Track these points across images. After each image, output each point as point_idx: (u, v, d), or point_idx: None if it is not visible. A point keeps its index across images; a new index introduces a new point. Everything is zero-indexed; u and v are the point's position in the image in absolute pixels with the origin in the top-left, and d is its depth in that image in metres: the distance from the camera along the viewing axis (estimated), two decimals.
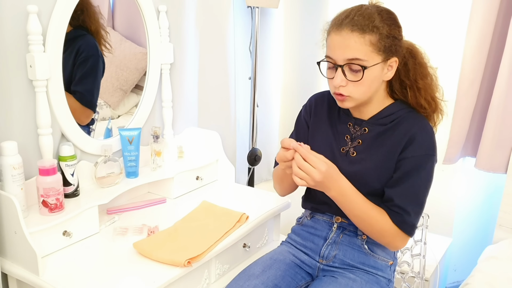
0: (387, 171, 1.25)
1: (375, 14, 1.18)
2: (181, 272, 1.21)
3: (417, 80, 1.28)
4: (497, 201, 2.08)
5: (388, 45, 1.18)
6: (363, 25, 1.16)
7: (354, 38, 1.16)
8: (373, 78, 1.20)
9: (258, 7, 2.09)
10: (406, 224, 1.22)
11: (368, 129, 1.29)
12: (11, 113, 1.27)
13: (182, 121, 1.86)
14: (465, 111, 1.99)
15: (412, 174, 1.22)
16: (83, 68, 1.48)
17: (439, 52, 2.09)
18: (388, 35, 1.18)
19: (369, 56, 1.17)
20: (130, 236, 1.35)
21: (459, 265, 2.30)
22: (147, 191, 1.70)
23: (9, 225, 1.19)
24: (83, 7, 1.43)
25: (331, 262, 1.34)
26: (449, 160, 2.06)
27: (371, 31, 1.16)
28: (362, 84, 1.19)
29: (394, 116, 1.28)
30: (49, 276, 1.17)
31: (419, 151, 1.22)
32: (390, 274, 1.35)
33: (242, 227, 1.44)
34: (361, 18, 1.17)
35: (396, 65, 1.23)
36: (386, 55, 1.19)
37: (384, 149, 1.26)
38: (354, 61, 1.17)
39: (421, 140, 1.22)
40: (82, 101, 1.39)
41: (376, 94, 1.26)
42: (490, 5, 1.85)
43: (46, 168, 1.25)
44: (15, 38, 1.24)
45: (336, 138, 1.33)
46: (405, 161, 1.23)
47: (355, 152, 1.29)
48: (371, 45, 1.16)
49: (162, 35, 1.65)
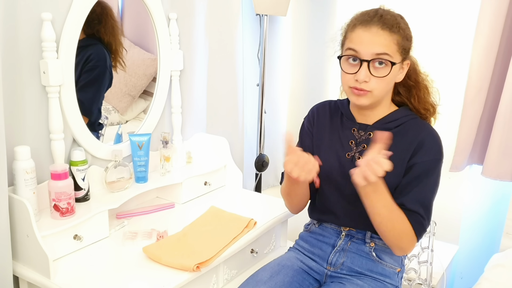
0: (395, 177, 1.24)
1: (398, 17, 1.25)
2: (190, 276, 1.22)
3: (418, 81, 1.34)
4: (504, 209, 2.07)
5: (407, 47, 1.25)
6: (392, 25, 1.21)
7: (385, 36, 1.20)
8: (392, 77, 1.24)
9: (267, 15, 2.11)
10: (421, 226, 1.23)
11: (373, 134, 1.30)
12: (24, 118, 1.29)
13: (191, 127, 1.88)
14: (472, 119, 1.99)
15: (422, 179, 1.24)
16: (87, 77, 1.49)
17: (446, 60, 2.10)
18: (408, 37, 1.25)
19: (394, 54, 1.22)
20: (139, 241, 1.37)
21: (465, 272, 2.29)
22: (155, 196, 1.72)
23: (22, 228, 1.21)
24: (102, 18, 1.46)
25: (339, 269, 1.35)
26: (456, 167, 2.07)
27: (398, 31, 1.21)
28: (384, 80, 1.22)
29: (399, 121, 1.30)
30: (60, 280, 1.18)
31: (428, 156, 1.24)
32: (398, 281, 1.35)
33: (250, 232, 1.45)
34: (390, 17, 1.23)
35: (407, 67, 1.28)
36: (404, 57, 1.25)
37: (392, 156, 1.25)
38: (383, 56, 1.20)
39: (430, 145, 1.25)
40: (80, 108, 1.40)
41: (386, 96, 1.29)
42: (497, 13, 1.86)
43: (58, 173, 1.27)
44: (29, 45, 1.26)
45: (341, 145, 1.34)
46: (415, 166, 1.25)
47: (360, 157, 1.30)
48: (397, 44, 1.22)
49: (172, 42, 1.67)
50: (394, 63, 1.21)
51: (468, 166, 2.13)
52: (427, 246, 1.79)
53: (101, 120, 1.60)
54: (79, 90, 1.40)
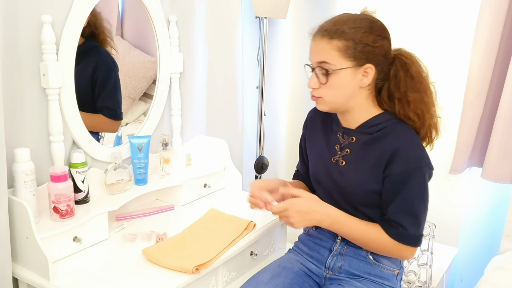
0: (375, 183, 1.25)
1: (349, 21, 1.22)
2: (189, 278, 1.22)
3: (407, 93, 1.26)
4: (504, 211, 2.07)
5: (359, 51, 1.20)
6: (331, 32, 1.22)
7: (323, 44, 1.23)
8: (343, 82, 1.23)
9: (266, 18, 2.12)
10: (404, 237, 1.23)
11: (355, 138, 1.30)
12: (24, 120, 1.29)
13: (191, 129, 1.88)
14: (472, 121, 2.00)
15: (402, 189, 1.22)
16: (105, 85, 1.51)
17: (445, 62, 2.11)
18: (359, 41, 1.20)
19: (336, 61, 1.21)
20: (139, 243, 1.37)
21: (465, 275, 2.29)
22: (155, 198, 1.72)
23: (21, 230, 1.21)
24: (91, 17, 1.46)
25: (337, 272, 1.35)
26: (456, 170, 2.07)
27: (338, 37, 1.21)
28: (330, 87, 1.24)
29: (381, 126, 1.28)
30: (59, 282, 1.18)
31: (404, 166, 1.21)
32: (397, 283, 1.36)
33: (249, 234, 1.45)
34: (331, 25, 1.23)
35: (372, 72, 1.23)
36: (358, 61, 1.21)
37: (371, 160, 1.26)
38: (322, 64, 1.23)
39: (405, 154, 1.21)
40: (114, 117, 1.41)
41: (357, 101, 1.27)
42: (496, 15, 1.86)
43: (58, 175, 1.27)
44: (29, 47, 1.27)
45: (328, 149, 1.36)
46: (390, 177, 1.23)
47: (344, 162, 1.31)
48: (338, 50, 1.21)
49: (172, 44, 1.68)
50: (328, 70, 1.21)
51: (468, 168, 2.14)
52: (426, 249, 1.79)
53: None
54: (105, 100, 1.42)
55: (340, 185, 1.31)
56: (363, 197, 1.28)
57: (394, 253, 1.27)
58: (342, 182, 1.31)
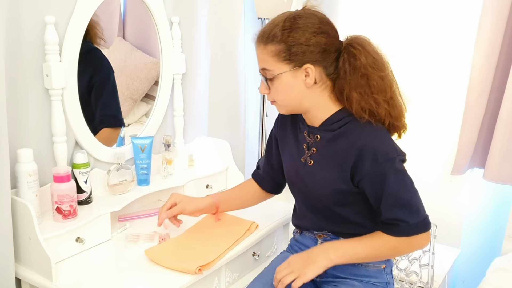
0: (342, 182, 1.22)
1: (281, 23, 1.17)
2: (191, 279, 1.22)
3: (355, 88, 1.19)
4: (506, 212, 2.07)
5: (293, 53, 1.16)
6: (264, 37, 1.19)
7: (259, 50, 1.21)
8: (287, 86, 1.20)
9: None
10: (409, 230, 1.18)
11: (320, 136, 1.27)
12: (27, 121, 1.30)
13: (193, 130, 1.88)
14: (474, 122, 2.00)
15: (382, 187, 1.17)
16: (103, 91, 1.49)
17: (447, 63, 2.11)
18: (291, 43, 1.16)
19: (274, 66, 1.19)
20: (141, 243, 1.37)
21: (467, 276, 2.29)
22: (157, 199, 1.72)
23: (24, 231, 1.22)
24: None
25: (325, 277, 1.34)
26: (457, 171, 2.07)
27: (271, 41, 1.18)
28: (277, 92, 1.22)
29: (343, 122, 1.23)
30: (62, 282, 1.18)
31: (374, 165, 1.17)
32: (386, 277, 1.33)
33: (251, 235, 1.45)
34: (267, 28, 1.20)
35: (313, 72, 1.17)
36: (295, 63, 1.17)
37: (336, 158, 1.23)
38: (263, 71, 1.22)
39: (372, 152, 1.17)
40: (116, 124, 1.39)
41: (312, 100, 1.23)
42: (498, 16, 1.87)
43: (61, 175, 1.28)
44: (32, 48, 1.27)
45: (297, 149, 1.33)
46: (365, 178, 1.18)
47: (311, 161, 1.28)
48: (273, 55, 1.18)
49: (175, 45, 1.68)
50: (266, 77, 1.20)
51: (470, 169, 2.13)
52: (428, 249, 1.79)
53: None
54: (104, 108, 1.40)
55: (309, 185, 1.29)
56: (332, 197, 1.25)
57: (409, 249, 1.24)
58: (311, 182, 1.28)
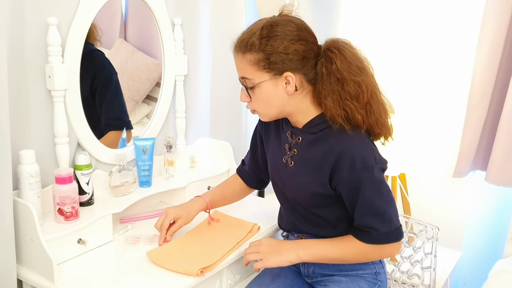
0: (319, 186, 1.22)
1: (258, 31, 1.15)
2: (193, 281, 1.22)
3: (331, 93, 1.17)
4: (508, 215, 2.07)
5: (272, 62, 1.14)
6: (242, 45, 1.18)
7: (238, 59, 1.20)
8: (268, 94, 1.19)
9: None
10: (378, 238, 1.19)
11: (301, 138, 1.26)
12: (30, 122, 1.30)
13: (195, 132, 1.88)
14: (475, 125, 2.00)
15: (358, 193, 1.17)
16: (106, 93, 1.47)
17: (449, 66, 2.11)
18: (270, 52, 1.14)
19: (254, 75, 1.17)
20: (142, 245, 1.36)
21: (469, 279, 2.29)
22: (159, 201, 1.72)
23: (26, 232, 1.21)
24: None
25: (314, 278, 1.35)
26: (459, 173, 2.07)
27: (249, 50, 1.16)
28: (257, 100, 1.21)
29: (323, 126, 1.22)
30: (64, 284, 1.18)
31: (351, 171, 1.16)
32: (374, 267, 1.33)
33: (253, 237, 1.45)
34: (244, 36, 1.18)
35: (293, 79, 1.16)
36: (275, 72, 1.16)
37: (315, 162, 1.23)
38: (243, 80, 1.20)
39: (349, 158, 1.16)
40: (120, 126, 1.38)
41: (294, 106, 1.22)
42: (500, 19, 1.87)
43: (63, 177, 1.28)
44: (35, 49, 1.27)
45: (280, 149, 1.33)
46: (342, 184, 1.19)
47: (292, 162, 1.28)
48: (253, 64, 1.16)
49: (177, 47, 1.68)
50: (247, 86, 1.19)
51: (472, 172, 2.14)
52: (430, 252, 1.78)
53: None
54: (109, 110, 1.39)
55: (288, 186, 1.30)
56: (309, 199, 1.26)
57: (378, 256, 1.25)
58: (289, 183, 1.29)
